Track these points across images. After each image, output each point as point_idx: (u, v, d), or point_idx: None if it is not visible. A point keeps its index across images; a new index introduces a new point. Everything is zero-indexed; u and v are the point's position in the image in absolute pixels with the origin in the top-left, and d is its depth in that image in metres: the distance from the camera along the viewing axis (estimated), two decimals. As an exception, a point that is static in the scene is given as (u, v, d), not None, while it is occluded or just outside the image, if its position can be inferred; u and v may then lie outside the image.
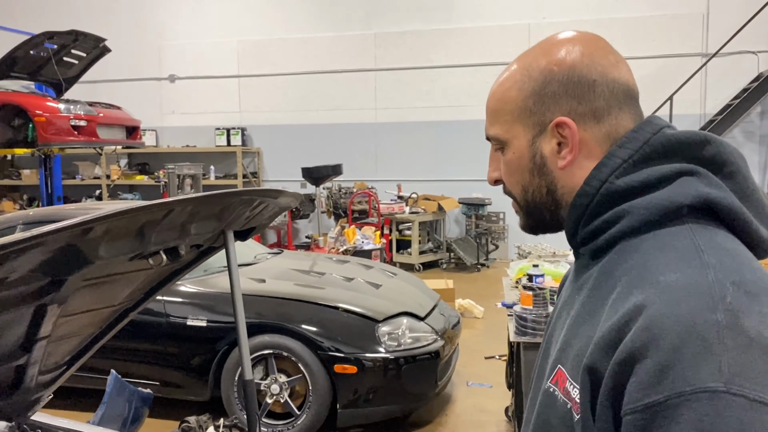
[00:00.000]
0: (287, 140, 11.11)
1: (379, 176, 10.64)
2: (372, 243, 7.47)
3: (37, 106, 8.19)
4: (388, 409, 4.01)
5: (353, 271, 4.93)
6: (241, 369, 1.48)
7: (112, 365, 3.85)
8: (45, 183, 10.22)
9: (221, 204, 1.27)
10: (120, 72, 11.44)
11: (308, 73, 10.95)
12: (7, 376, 1.72)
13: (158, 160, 11.47)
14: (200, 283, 4.34)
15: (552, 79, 0.90)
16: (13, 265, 0.95)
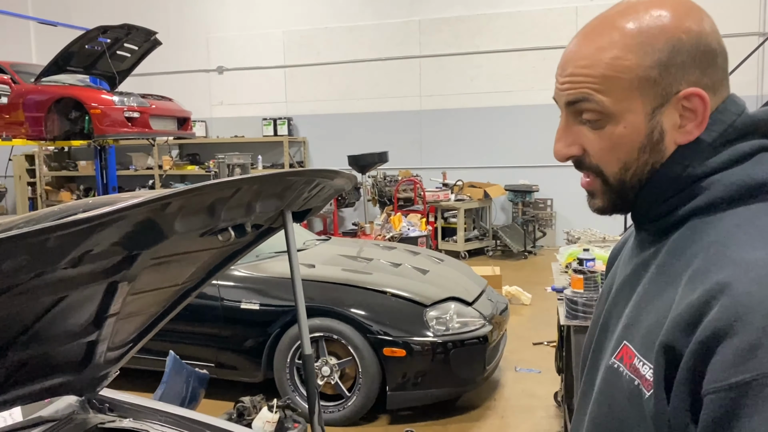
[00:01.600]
0: (332, 129, 11.20)
1: (424, 164, 10.63)
2: (418, 230, 7.50)
3: (92, 99, 8.46)
4: (437, 393, 4.05)
5: (400, 257, 4.97)
6: (301, 344, 1.53)
7: (170, 347, 3.99)
8: (100, 174, 10.56)
9: (283, 183, 1.32)
10: (170, 64, 11.71)
11: (353, 62, 11.00)
12: (78, 352, 1.82)
13: (208, 151, 11.72)
14: (253, 268, 4.45)
15: (681, 47, 0.82)
16: (99, 237, 1.02)
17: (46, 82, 8.72)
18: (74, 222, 0.91)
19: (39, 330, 1.49)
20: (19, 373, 1.65)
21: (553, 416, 4.15)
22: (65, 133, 8.83)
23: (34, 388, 1.78)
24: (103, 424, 2.04)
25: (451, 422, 4.09)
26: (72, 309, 1.50)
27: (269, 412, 3.63)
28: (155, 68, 11.14)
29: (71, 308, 1.48)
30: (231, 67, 11.83)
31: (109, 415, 2.11)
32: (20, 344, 1.49)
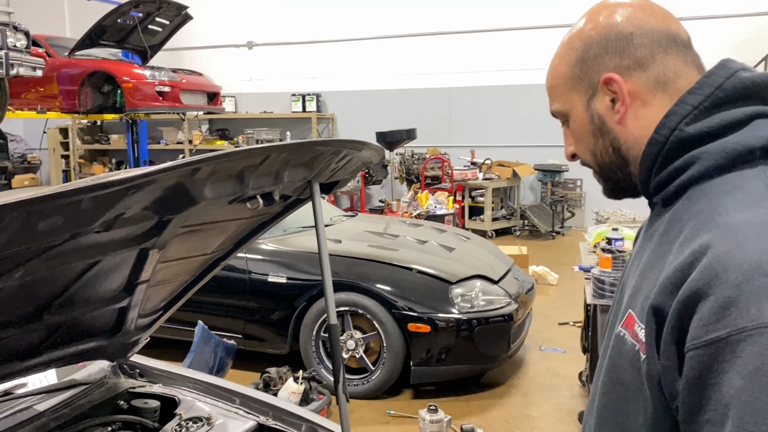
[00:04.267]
0: (361, 106, 11.17)
1: (453, 142, 10.56)
2: (445, 208, 7.48)
3: (124, 73, 8.55)
4: (461, 369, 4.07)
5: (427, 235, 4.98)
6: (327, 314, 1.55)
7: (199, 318, 4.07)
8: (132, 147, 10.71)
9: (311, 153, 1.32)
10: (200, 39, 11.75)
11: (383, 38, 10.91)
12: (110, 318, 1.86)
13: (237, 126, 11.80)
14: (280, 242, 4.50)
15: (591, 42, 0.94)
16: (130, 200, 1.04)
17: (80, 56, 8.83)
18: (107, 183, 0.93)
19: (73, 294, 1.53)
20: (54, 337, 1.70)
21: (578, 395, 4.14)
22: (98, 107, 8.95)
23: (67, 352, 1.84)
24: (133, 388, 2.10)
25: (474, 399, 4.11)
26: (104, 275, 1.53)
27: (295, 383, 3.69)
28: (186, 43, 11.20)
29: (104, 274, 1.52)
30: (261, 42, 11.83)
31: (139, 380, 2.16)
32: (55, 308, 1.54)
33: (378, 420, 3.81)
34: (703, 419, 0.72)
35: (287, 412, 2.03)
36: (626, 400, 0.87)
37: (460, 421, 3.72)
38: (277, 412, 2.03)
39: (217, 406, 2.07)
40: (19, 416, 1.79)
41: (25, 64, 6.55)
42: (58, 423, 1.82)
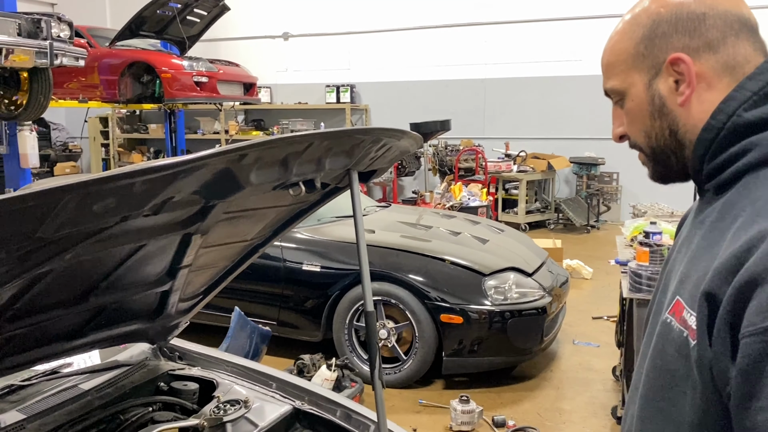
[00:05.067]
0: (394, 97, 11.15)
1: (487, 134, 10.49)
2: (478, 200, 7.44)
3: (163, 63, 8.69)
4: (493, 361, 4.07)
5: (460, 226, 4.97)
6: (364, 301, 1.57)
7: (235, 305, 4.14)
8: (170, 137, 10.90)
9: (352, 141, 1.34)
10: (237, 30, 11.87)
11: (418, 29, 10.87)
12: (152, 301, 1.91)
13: (272, 117, 11.91)
14: (314, 231, 4.54)
15: (660, 20, 0.92)
16: (180, 184, 1.07)
17: (120, 47, 9.00)
18: (160, 167, 0.96)
19: (118, 277, 1.58)
20: (99, 318, 1.76)
21: (611, 390, 4.11)
22: (137, 97, 9.12)
23: (111, 333, 1.90)
24: (173, 371, 2.15)
25: (506, 391, 4.11)
26: (149, 258, 1.57)
27: (328, 371, 3.74)
28: (223, 34, 11.32)
29: (148, 258, 1.56)
30: (296, 33, 11.90)
31: (178, 363, 2.22)
32: (101, 290, 1.59)
33: (409, 409, 3.83)
34: (757, 406, 0.72)
35: (323, 397, 2.06)
36: (672, 387, 0.87)
37: (492, 412, 3.73)
38: (312, 397, 2.06)
39: (254, 389, 2.11)
40: (65, 394, 1.85)
41: (68, 54, 6.70)
42: (101, 402, 1.87)
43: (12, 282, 1.16)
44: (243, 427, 1.93)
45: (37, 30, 6.49)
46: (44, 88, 7.01)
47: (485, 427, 3.64)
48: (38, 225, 0.95)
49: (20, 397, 1.82)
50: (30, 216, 0.93)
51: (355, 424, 1.95)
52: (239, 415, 1.94)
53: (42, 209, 0.92)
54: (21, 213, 0.90)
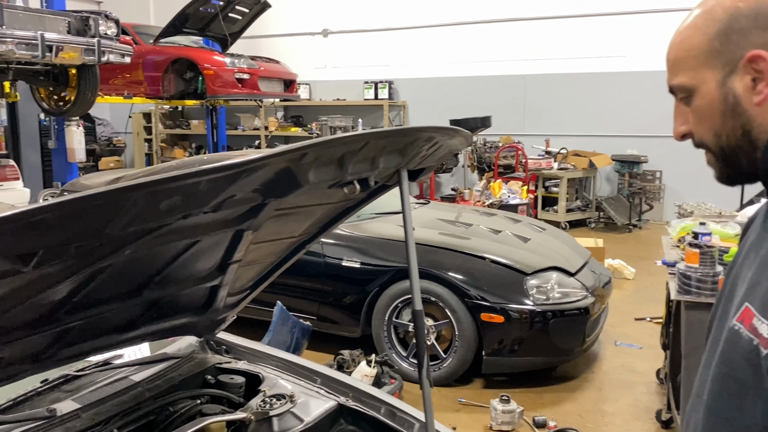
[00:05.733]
0: (433, 93, 11.11)
1: (527, 130, 10.37)
2: (518, 197, 7.37)
3: (206, 60, 8.83)
4: (533, 361, 4.03)
5: (500, 224, 4.93)
6: (412, 299, 1.57)
7: (276, 299, 4.19)
8: (211, 132, 11.08)
9: (407, 139, 1.34)
10: (277, 27, 11.97)
11: (457, 24, 10.81)
12: (202, 296, 1.94)
13: (311, 113, 11.98)
14: (354, 227, 4.56)
15: (738, 15, 0.88)
16: (243, 183, 1.09)
17: (164, 43, 9.17)
18: (225, 167, 0.98)
19: (171, 272, 1.61)
20: (151, 312, 1.79)
21: (654, 393, 4.03)
22: (180, 93, 9.28)
23: (162, 327, 1.93)
24: (220, 364, 2.18)
25: (547, 391, 4.06)
26: (202, 254, 1.60)
27: (367, 367, 3.75)
28: (263, 31, 11.43)
29: (201, 253, 1.59)
30: (336, 30, 11.94)
31: (225, 356, 2.25)
32: (154, 284, 1.62)
33: (449, 407, 3.82)
34: None
35: (367, 393, 2.07)
36: (740, 395, 0.84)
37: (533, 412, 3.69)
38: (356, 394, 2.07)
39: (299, 384, 2.13)
40: (117, 385, 1.90)
41: (114, 51, 6.86)
42: (151, 393, 1.91)
43: (74, 276, 1.19)
44: (289, 422, 1.95)
45: (86, 28, 6.65)
46: (91, 84, 7.18)
47: (525, 427, 3.61)
48: (108, 222, 0.98)
49: (75, 386, 1.86)
50: (101, 213, 0.95)
51: (399, 422, 1.95)
52: (285, 409, 1.96)
53: (113, 206, 0.94)
54: (93, 210, 0.93)
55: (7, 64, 6.32)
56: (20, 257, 0.96)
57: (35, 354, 1.55)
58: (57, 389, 1.83)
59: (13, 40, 5.75)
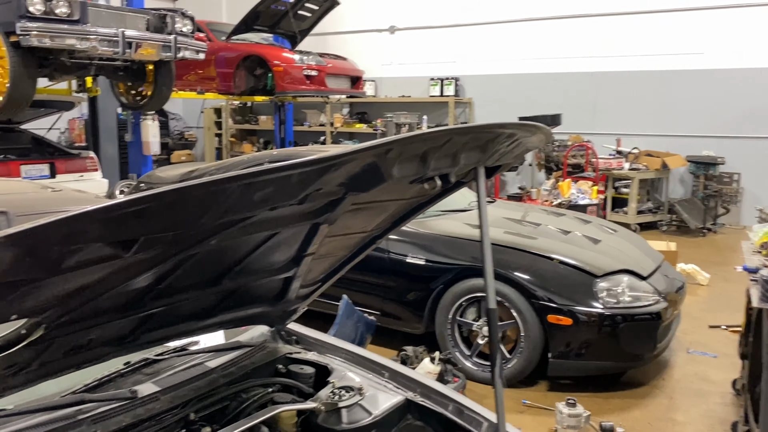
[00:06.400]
0: (499, 90, 10.97)
1: (597, 129, 10.10)
2: (588, 198, 7.20)
3: (276, 57, 9.00)
4: (601, 365, 3.93)
5: (570, 225, 4.82)
6: (486, 298, 1.56)
7: (341, 293, 4.23)
8: (278, 128, 11.29)
9: (489, 135, 1.33)
10: (345, 24, 12.07)
11: (525, 21, 10.63)
12: (276, 287, 1.99)
13: (376, 110, 12.04)
14: (419, 224, 4.55)
15: None
16: (331, 176, 1.11)
17: (235, 40, 9.40)
18: (318, 160, 0.99)
19: (250, 263, 1.65)
20: (227, 301, 1.84)
21: (730, 404, 3.86)
22: (250, 89, 9.49)
23: (236, 315, 1.98)
24: (290, 354, 2.22)
25: (614, 397, 3.95)
26: (279, 246, 1.63)
27: (431, 364, 3.75)
28: (331, 28, 11.55)
29: (279, 245, 1.62)
30: (403, 26, 11.95)
31: (295, 346, 2.29)
32: (234, 274, 1.66)
33: (512, 408, 3.77)
34: None
35: (435, 390, 2.06)
36: None
37: (599, 418, 3.60)
38: (425, 390, 2.07)
39: (367, 377, 2.14)
40: (193, 370, 1.96)
41: (190, 47, 7.08)
42: (226, 380, 1.97)
43: (163, 264, 1.24)
44: (357, 414, 1.97)
45: (163, 25, 6.89)
46: (167, 79, 7.44)
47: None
48: (206, 211, 1.01)
49: (154, 370, 1.94)
50: (201, 202, 0.99)
51: (467, 420, 1.94)
52: (354, 402, 1.98)
53: (212, 196, 0.98)
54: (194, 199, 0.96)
55: (89, 60, 6.61)
56: (121, 243, 1.01)
57: (121, 337, 1.62)
58: (138, 372, 1.90)
59: (97, 37, 6.02)
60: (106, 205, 0.86)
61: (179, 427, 1.77)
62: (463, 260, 4.19)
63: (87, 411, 1.63)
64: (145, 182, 5.92)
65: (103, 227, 0.93)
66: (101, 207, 0.87)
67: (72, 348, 1.49)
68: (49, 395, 1.68)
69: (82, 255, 0.98)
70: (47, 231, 0.86)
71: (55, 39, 5.70)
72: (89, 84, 8.29)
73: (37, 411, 1.59)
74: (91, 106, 9.32)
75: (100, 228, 0.93)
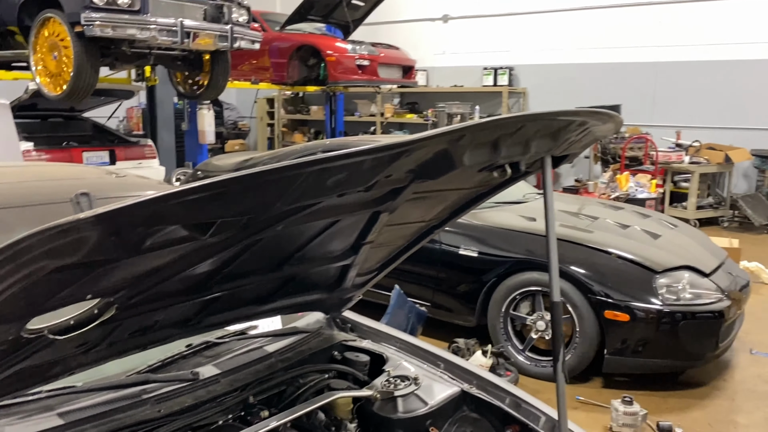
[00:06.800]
0: (554, 80, 10.74)
1: (656, 121, 9.79)
2: (647, 191, 6.99)
3: (328, 47, 9.02)
4: (659, 363, 3.82)
5: (628, 219, 4.69)
6: (550, 291, 1.52)
7: (392, 284, 4.23)
8: (330, 118, 11.34)
9: (561, 123, 1.29)
10: (397, 13, 12.02)
11: (583, 9, 10.36)
12: (333, 274, 1.99)
13: (427, 100, 11.96)
14: (472, 216, 4.49)
15: None
16: (402, 162, 1.09)
17: (289, 30, 9.46)
18: (392, 146, 0.98)
19: (310, 249, 1.65)
20: (286, 287, 1.86)
21: (796, 409, 3.71)
22: (303, 79, 9.55)
23: (294, 301, 2.00)
24: (346, 341, 2.23)
25: (672, 396, 3.84)
26: (339, 233, 1.63)
27: (483, 357, 3.72)
28: (383, 17, 11.50)
29: (339, 232, 1.62)
30: (456, 15, 11.82)
31: (351, 334, 2.30)
32: (294, 260, 1.67)
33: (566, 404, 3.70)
34: None
35: (491, 382, 2.04)
36: None
37: (657, 417, 3.50)
38: (481, 382, 2.05)
39: (422, 367, 2.14)
40: (252, 354, 1.98)
41: (245, 38, 7.15)
42: (283, 365, 1.99)
43: (232, 248, 1.25)
44: (412, 403, 1.96)
45: (220, 15, 6.97)
46: (223, 69, 7.55)
47: (648, 431, 3.44)
48: (281, 195, 1.02)
49: (215, 353, 1.97)
50: (277, 186, 0.99)
51: (525, 414, 1.91)
52: (409, 391, 1.97)
53: (288, 181, 0.98)
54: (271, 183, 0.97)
55: (149, 49, 6.76)
56: (199, 226, 1.02)
57: (185, 320, 1.65)
58: (199, 354, 1.94)
59: (156, 27, 6.14)
60: (190, 187, 0.88)
61: (238, 409, 1.79)
62: (518, 253, 4.13)
63: (151, 391, 1.67)
64: (201, 170, 6.04)
65: (185, 209, 0.94)
66: (185, 189, 0.88)
67: (139, 329, 1.53)
68: (114, 375, 1.73)
69: (162, 236, 1.00)
70: (133, 211, 0.88)
71: (117, 29, 5.84)
72: (148, 73, 8.49)
73: (104, 389, 1.64)
74: (149, 95, 9.54)
75: (181, 210, 0.94)
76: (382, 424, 1.93)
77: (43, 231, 0.83)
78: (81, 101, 6.79)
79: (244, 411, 1.79)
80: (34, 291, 0.97)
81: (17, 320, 1.07)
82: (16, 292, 0.94)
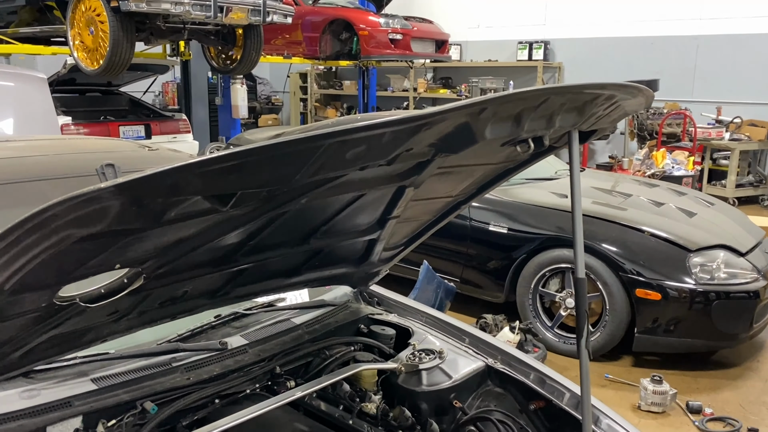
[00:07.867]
0: (591, 54, 10.48)
1: (696, 96, 9.52)
2: (684, 169, 6.83)
3: (361, 21, 8.96)
4: (691, 343, 3.77)
5: (663, 196, 4.61)
6: (575, 267, 1.51)
7: (422, 258, 4.24)
8: (362, 93, 11.30)
9: (587, 97, 1.27)
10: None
11: (622, -19, 10.07)
12: (360, 248, 2.01)
13: (461, 74, 11.82)
14: (503, 192, 4.47)
15: None
16: (423, 136, 1.09)
17: (322, 4, 9.42)
18: (411, 118, 0.98)
19: (336, 223, 1.67)
20: (314, 260, 1.88)
21: (832, 392, 3.63)
22: (335, 53, 9.52)
23: (321, 275, 2.03)
24: (372, 315, 2.26)
25: (703, 376, 3.80)
26: (365, 207, 1.64)
27: (510, 333, 3.72)
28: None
29: (365, 207, 1.63)
30: (494, -12, 11.60)
31: (377, 308, 2.32)
32: (320, 234, 1.69)
33: (594, 382, 3.69)
34: None
35: (516, 358, 2.05)
36: None
37: (686, 397, 3.48)
38: (505, 357, 2.05)
39: (447, 342, 2.15)
40: (280, 326, 2.02)
41: (278, 11, 7.14)
42: (310, 337, 2.02)
43: (256, 220, 1.27)
44: (437, 377, 1.99)
45: (252, -11, 6.96)
46: (256, 44, 7.55)
47: (677, 411, 3.41)
48: (300, 168, 1.03)
49: (243, 324, 2.01)
50: (297, 159, 1.00)
51: (549, 390, 1.91)
52: (434, 365, 1.99)
53: (307, 153, 0.99)
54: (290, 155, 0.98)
55: (183, 24, 6.81)
56: (220, 197, 1.04)
57: (213, 291, 1.69)
58: (228, 325, 1.98)
59: (190, 1, 6.17)
60: (208, 158, 0.89)
61: (265, 379, 1.84)
62: (548, 230, 4.10)
63: (180, 359, 1.72)
64: (234, 144, 6.10)
65: (204, 180, 0.96)
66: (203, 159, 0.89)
67: (168, 299, 1.57)
68: (145, 343, 1.78)
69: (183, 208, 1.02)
70: (153, 181, 0.90)
71: (152, 3, 5.89)
72: (182, 48, 8.56)
73: (136, 356, 1.69)
74: (183, 70, 9.63)
75: (201, 180, 0.96)
76: (406, 397, 1.96)
77: (66, 200, 0.86)
78: (117, 76, 6.88)
79: (270, 380, 1.83)
80: (63, 259, 1.00)
81: (49, 287, 1.11)
82: (46, 259, 0.97)
